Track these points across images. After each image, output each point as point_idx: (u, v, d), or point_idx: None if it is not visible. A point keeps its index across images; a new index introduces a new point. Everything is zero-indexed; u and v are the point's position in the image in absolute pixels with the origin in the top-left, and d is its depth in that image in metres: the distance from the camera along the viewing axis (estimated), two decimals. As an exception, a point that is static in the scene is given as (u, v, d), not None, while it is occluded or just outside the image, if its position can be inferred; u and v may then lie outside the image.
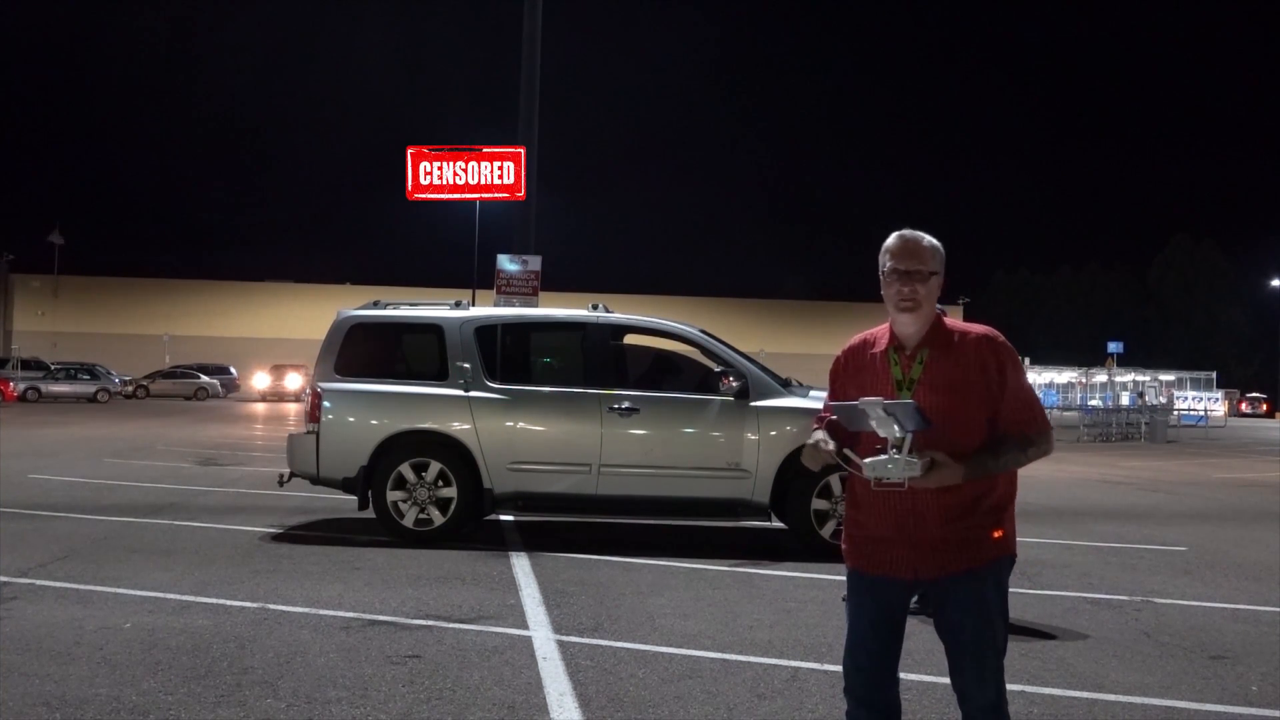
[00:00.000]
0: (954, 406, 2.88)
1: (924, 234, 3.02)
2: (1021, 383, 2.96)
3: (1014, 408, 2.93)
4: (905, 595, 3.01)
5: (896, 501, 2.91)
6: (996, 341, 2.96)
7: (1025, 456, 2.93)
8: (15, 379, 42.08)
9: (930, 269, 2.96)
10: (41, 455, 16.12)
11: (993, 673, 2.92)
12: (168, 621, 5.71)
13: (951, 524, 2.89)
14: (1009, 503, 2.99)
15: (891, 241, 3.01)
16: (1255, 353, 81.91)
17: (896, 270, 2.95)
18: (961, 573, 2.90)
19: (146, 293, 65.53)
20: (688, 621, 6.02)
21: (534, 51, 17.63)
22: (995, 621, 2.93)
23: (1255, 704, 4.74)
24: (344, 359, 8.88)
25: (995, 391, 2.91)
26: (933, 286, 2.96)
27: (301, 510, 10.22)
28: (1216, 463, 23.04)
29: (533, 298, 17.01)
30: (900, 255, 2.96)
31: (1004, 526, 2.96)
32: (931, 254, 2.98)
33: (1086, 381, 54.66)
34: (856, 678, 3.02)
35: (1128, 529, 10.70)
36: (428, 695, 4.52)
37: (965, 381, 2.91)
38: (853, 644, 3.04)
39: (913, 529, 2.91)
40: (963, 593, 2.91)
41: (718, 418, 8.59)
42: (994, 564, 2.94)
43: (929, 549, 2.90)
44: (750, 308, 69.22)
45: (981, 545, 2.91)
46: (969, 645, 2.92)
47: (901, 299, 2.94)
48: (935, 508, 2.88)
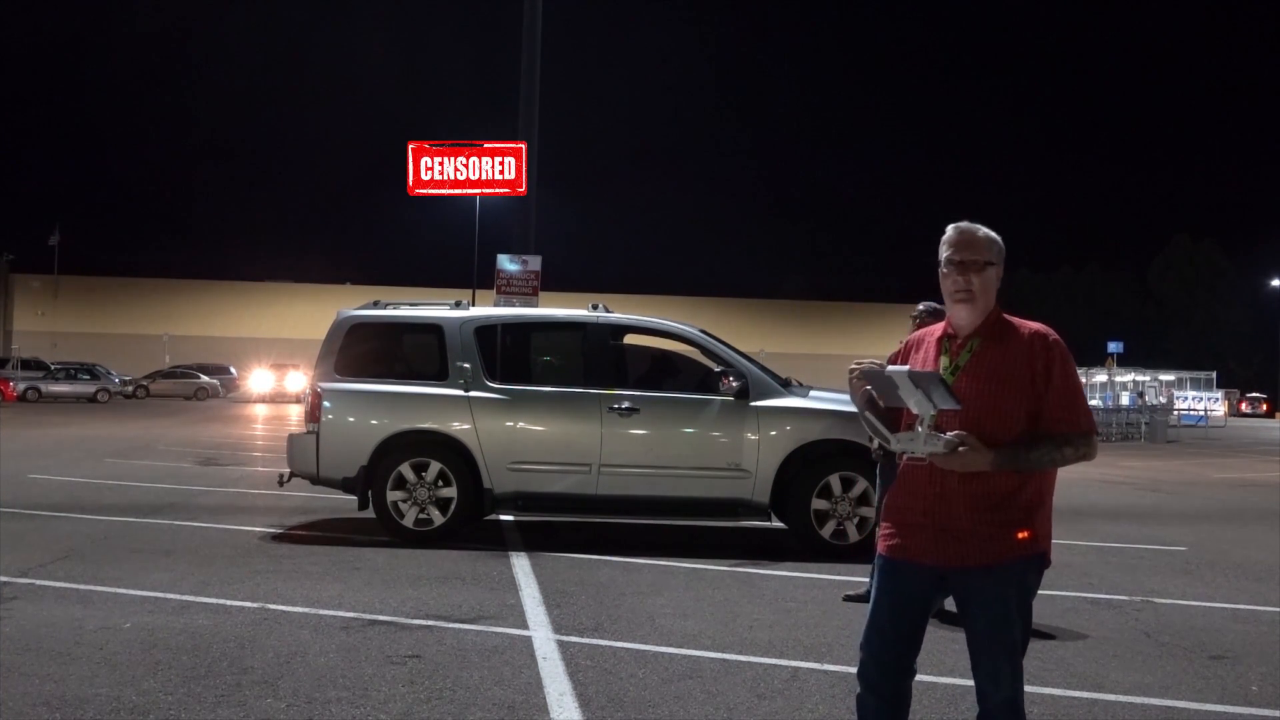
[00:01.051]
0: (994, 395, 2.89)
1: (980, 225, 3.03)
2: (1070, 384, 2.93)
3: (1057, 407, 2.91)
4: (929, 586, 2.98)
5: (927, 487, 2.93)
6: (1049, 339, 2.96)
7: (1061, 456, 2.90)
8: (15, 379, 42.06)
9: (986, 259, 2.98)
10: (41, 455, 16.12)
11: (1008, 672, 2.92)
12: (168, 621, 5.71)
13: (977, 514, 2.88)
14: (1042, 503, 2.96)
15: (949, 233, 3.03)
16: (1255, 353, 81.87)
17: (952, 261, 2.98)
18: (980, 568, 2.90)
19: (146, 293, 65.51)
20: (688, 621, 6.02)
21: (534, 49, 17.63)
22: (1012, 621, 2.91)
23: (1255, 704, 4.74)
24: (344, 359, 8.88)
25: (1040, 388, 2.90)
26: (989, 278, 2.98)
27: (301, 510, 10.22)
28: (1216, 463, 23.05)
29: (533, 298, 17.02)
30: (957, 246, 2.99)
31: (1033, 528, 2.92)
32: (988, 245, 3.00)
33: (1086, 381, 54.63)
34: (870, 664, 3.03)
35: (1128, 529, 10.70)
36: (428, 695, 4.52)
37: (1010, 373, 2.91)
38: (870, 630, 3.04)
39: (940, 514, 2.91)
40: (982, 589, 2.91)
41: (718, 418, 8.59)
42: (1018, 564, 2.91)
43: (952, 536, 2.90)
44: (750, 308, 69.18)
45: (1004, 543, 2.89)
46: (984, 642, 2.93)
47: (957, 289, 2.97)
48: (963, 495, 2.89)
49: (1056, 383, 2.91)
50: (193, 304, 64.92)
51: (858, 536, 8.08)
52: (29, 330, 61.90)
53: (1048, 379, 2.91)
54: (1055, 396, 2.91)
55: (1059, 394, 2.91)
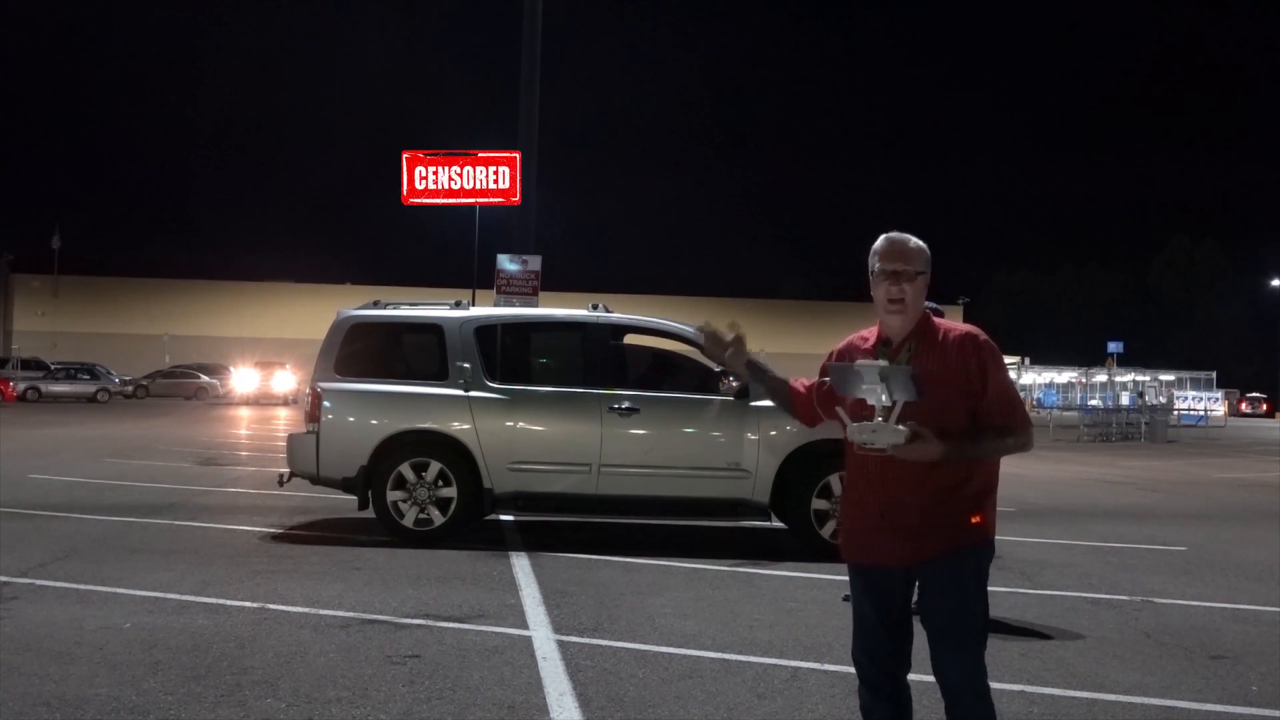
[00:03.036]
0: (936, 395, 2.95)
1: (910, 235, 3.10)
2: (1002, 380, 3.03)
3: (994, 405, 3.01)
4: (901, 584, 3.07)
5: (879, 489, 3.00)
6: (978, 340, 3.05)
7: (1004, 445, 3.01)
8: (15, 379, 42.03)
9: (917, 269, 3.05)
10: (41, 455, 16.12)
11: (973, 659, 2.98)
12: (168, 621, 5.71)
13: (929, 507, 2.97)
14: (989, 491, 3.06)
15: (879, 244, 3.10)
16: (1255, 353, 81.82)
17: (885, 271, 3.05)
18: (939, 555, 2.97)
19: (146, 293, 65.46)
20: (688, 621, 6.02)
21: (534, 49, 17.62)
22: (973, 606, 2.99)
23: (1255, 704, 4.75)
24: (344, 359, 8.88)
25: (976, 387, 2.99)
26: (919, 286, 3.06)
27: (301, 510, 10.22)
28: (1216, 463, 23.04)
29: (533, 298, 17.00)
30: (888, 256, 3.06)
31: (983, 513, 3.03)
32: (918, 255, 3.07)
33: (1086, 381, 54.64)
34: (868, 665, 3.09)
35: (1128, 529, 10.70)
36: (428, 695, 4.53)
37: (947, 375, 2.99)
38: (859, 634, 3.12)
39: (893, 515, 2.99)
40: (941, 576, 2.99)
41: (718, 418, 8.59)
42: (972, 550, 3.01)
43: (910, 533, 2.98)
44: (750, 308, 69.11)
45: (959, 529, 2.99)
46: (946, 629, 2.98)
47: (890, 299, 3.04)
48: (914, 489, 2.96)
49: (992, 382, 3.00)
50: (193, 304, 64.87)
51: (858, 536, 8.10)
52: (29, 330, 61.86)
53: (983, 379, 3.00)
54: (993, 396, 3.00)
55: (995, 393, 3.01)
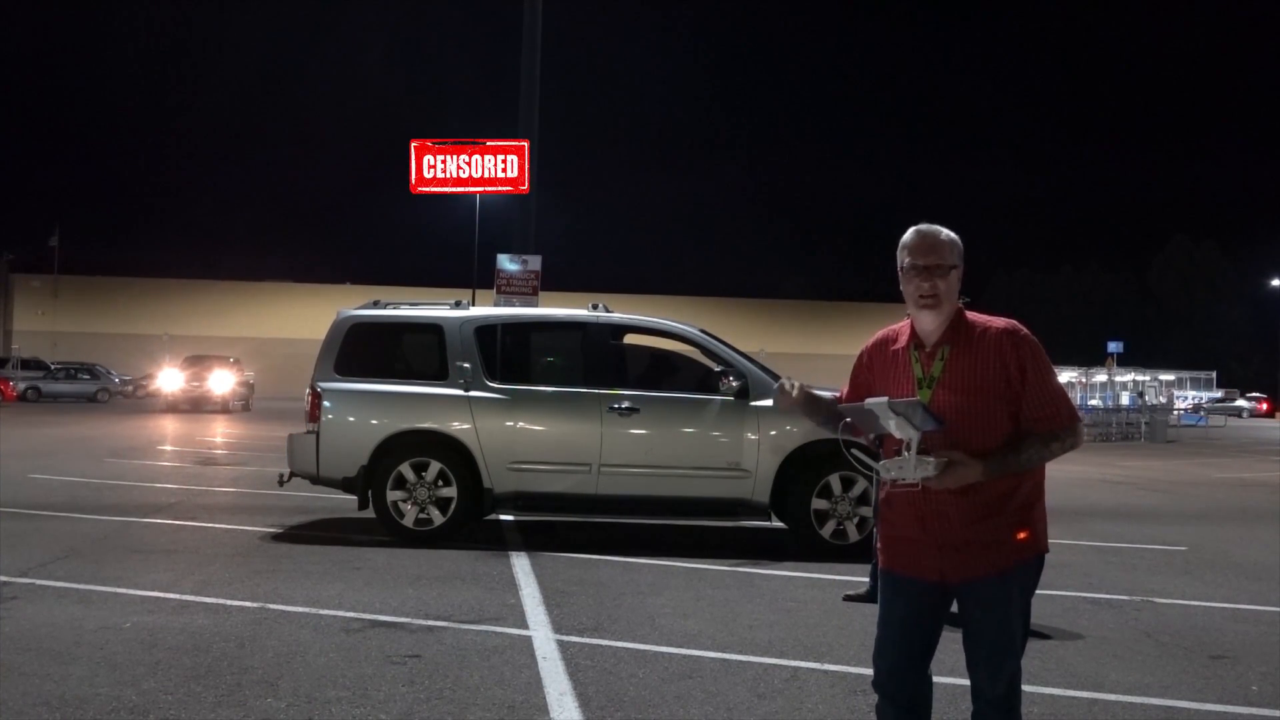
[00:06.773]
0: (974, 405, 2.83)
1: (942, 227, 2.95)
2: (1045, 378, 2.87)
3: (1036, 404, 2.85)
4: (936, 598, 2.95)
5: (920, 502, 2.86)
6: (1018, 335, 2.89)
7: (1049, 451, 2.86)
8: (15, 379, 42.05)
9: (950, 263, 2.90)
10: (41, 455, 16.12)
11: (1008, 671, 2.90)
12: (168, 621, 5.71)
13: (974, 525, 2.84)
14: (1036, 501, 2.92)
15: (909, 237, 2.94)
16: (1255, 353, 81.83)
17: (915, 266, 2.89)
18: (985, 578, 2.86)
19: (146, 293, 65.43)
20: (688, 621, 6.02)
21: (534, 47, 17.62)
22: (1015, 621, 2.89)
23: (1255, 704, 4.74)
24: (344, 359, 8.88)
25: (1016, 388, 2.85)
26: (953, 281, 2.90)
27: (301, 510, 10.22)
28: (1216, 463, 23.04)
29: (533, 297, 17.00)
30: (919, 251, 2.90)
31: (1031, 526, 2.89)
32: (950, 248, 2.92)
33: (1086, 381, 54.57)
34: (885, 675, 2.99)
35: (1128, 529, 10.70)
36: (428, 695, 4.53)
37: (985, 380, 2.84)
38: (882, 641, 3.00)
39: (937, 529, 2.86)
40: (984, 597, 2.88)
41: (718, 417, 8.59)
42: (1020, 566, 2.88)
43: (954, 550, 2.85)
44: (750, 308, 69.09)
45: (1006, 548, 2.86)
46: (986, 642, 2.89)
47: (922, 295, 2.88)
48: (956, 508, 2.83)
49: (1032, 380, 2.85)
50: (193, 304, 64.83)
51: (858, 536, 8.08)
52: (29, 330, 61.82)
53: (1023, 378, 2.85)
54: (1033, 394, 2.85)
55: (1036, 391, 2.85)
